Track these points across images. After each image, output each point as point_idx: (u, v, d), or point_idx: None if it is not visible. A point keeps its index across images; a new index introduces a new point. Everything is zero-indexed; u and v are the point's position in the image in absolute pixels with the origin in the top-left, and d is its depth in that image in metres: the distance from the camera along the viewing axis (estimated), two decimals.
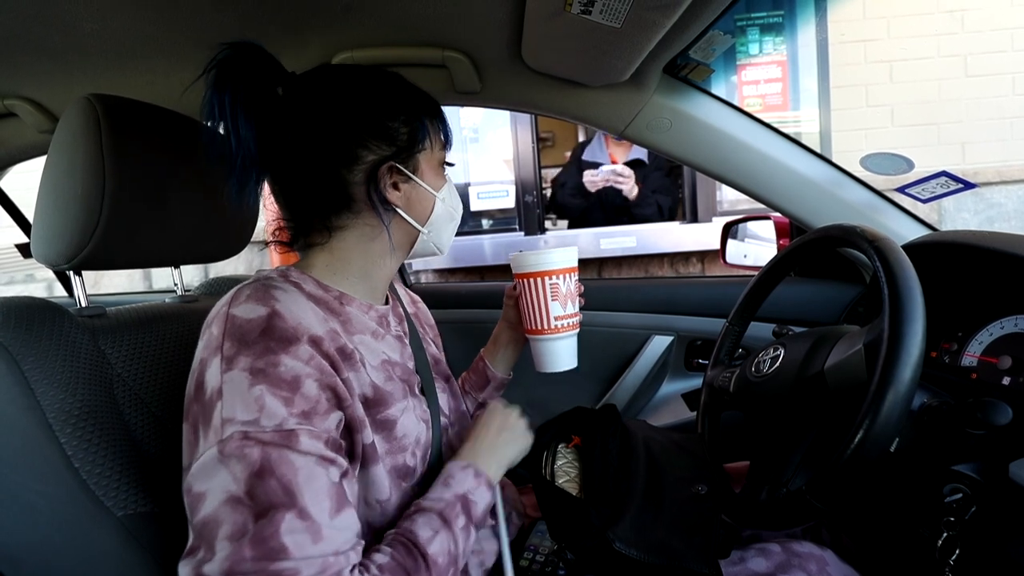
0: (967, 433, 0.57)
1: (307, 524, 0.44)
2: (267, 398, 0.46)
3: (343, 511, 0.47)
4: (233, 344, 0.47)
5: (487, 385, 0.86)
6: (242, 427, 0.45)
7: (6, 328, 0.50)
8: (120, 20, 0.76)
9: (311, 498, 0.45)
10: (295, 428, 0.46)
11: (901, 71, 2.99)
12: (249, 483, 0.43)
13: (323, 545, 0.44)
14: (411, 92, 0.64)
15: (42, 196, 0.59)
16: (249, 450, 0.44)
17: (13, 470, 0.49)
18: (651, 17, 0.67)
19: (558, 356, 0.74)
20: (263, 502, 0.43)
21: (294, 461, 0.45)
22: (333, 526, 0.45)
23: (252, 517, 0.42)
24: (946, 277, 0.79)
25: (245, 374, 0.46)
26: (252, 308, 0.49)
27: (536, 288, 0.71)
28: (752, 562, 0.63)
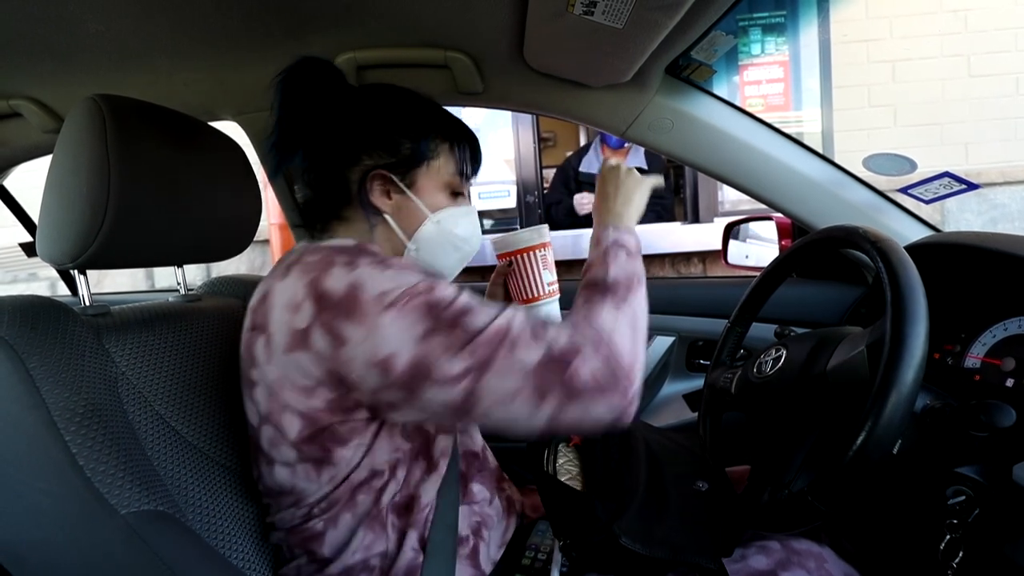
0: (970, 435, 0.57)
1: (484, 310, 0.53)
2: (400, 275, 0.53)
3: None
4: (347, 255, 0.55)
5: None
6: (399, 288, 0.52)
7: (11, 326, 0.50)
8: (124, 20, 0.76)
9: (471, 304, 0.53)
10: (433, 283, 0.54)
11: (904, 71, 2.99)
12: (430, 317, 0.51)
13: (499, 310, 0.53)
14: (434, 114, 0.69)
15: (47, 195, 0.59)
16: (414, 301, 0.51)
17: (18, 468, 0.49)
18: (653, 18, 0.67)
19: (554, 318, 0.80)
20: (447, 320, 0.51)
21: (445, 294, 0.53)
22: (495, 308, 0.54)
23: (448, 331, 0.50)
24: (949, 278, 0.78)
25: (372, 267, 0.54)
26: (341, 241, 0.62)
27: (531, 260, 0.80)
28: (753, 559, 0.63)
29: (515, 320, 0.53)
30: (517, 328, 0.52)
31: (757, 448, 0.70)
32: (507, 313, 0.53)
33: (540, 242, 0.80)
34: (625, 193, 0.70)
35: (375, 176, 0.65)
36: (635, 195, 0.71)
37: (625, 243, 0.65)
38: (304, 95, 0.65)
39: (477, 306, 0.53)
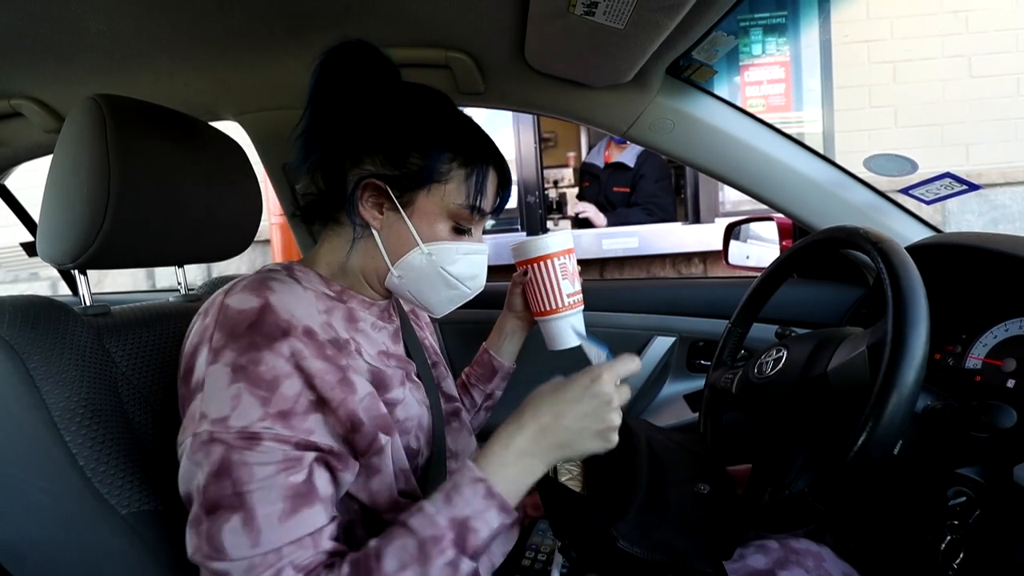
0: (971, 436, 0.57)
1: (249, 528, 0.44)
2: (244, 396, 0.47)
3: (300, 512, 0.46)
4: (222, 336, 0.48)
5: (494, 376, 0.87)
6: (211, 426, 0.46)
7: (12, 326, 0.50)
8: (126, 20, 0.76)
9: (261, 501, 0.45)
10: (260, 431, 0.46)
11: (905, 72, 2.99)
12: (207, 479, 0.46)
13: (261, 546, 0.44)
14: (459, 130, 0.60)
15: (48, 195, 0.59)
16: (214, 448, 0.46)
17: (19, 468, 0.49)
18: (654, 18, 0.67)
19: (571, 332, 0.77)
20: (214, 500, 0.45)
21: (252, 464, 0.45)
22: (280, 528, 0.45)
23: (204, 511, 0.45)
24: (950, 279, 0.78)
25: (227, 370, 0.47)
26: (245, 299, 0.50)
27: (548, 269, 0.75)
28: (751, 559, 0.63)
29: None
30: None
31: (758, 448, 0.70)
32: (240, 567, 0.44)
33: (558, 249, 0.75)
34: (552, 440, 0.52)
35: (368, 185, 0.58)
36: (558, 450, 0.53)
37: (471, 531, 0.47)
38: (338, 80, 0.59)
39: (252, 508, 0.45)
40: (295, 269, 0.59)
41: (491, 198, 0.63)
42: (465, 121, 0.62)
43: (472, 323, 1.32)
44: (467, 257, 0.63)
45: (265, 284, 0.52)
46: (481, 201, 0.61)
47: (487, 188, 0.61)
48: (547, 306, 0.76)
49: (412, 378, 0.65)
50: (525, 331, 0.87)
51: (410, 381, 0.64)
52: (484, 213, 0.62)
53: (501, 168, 0.64)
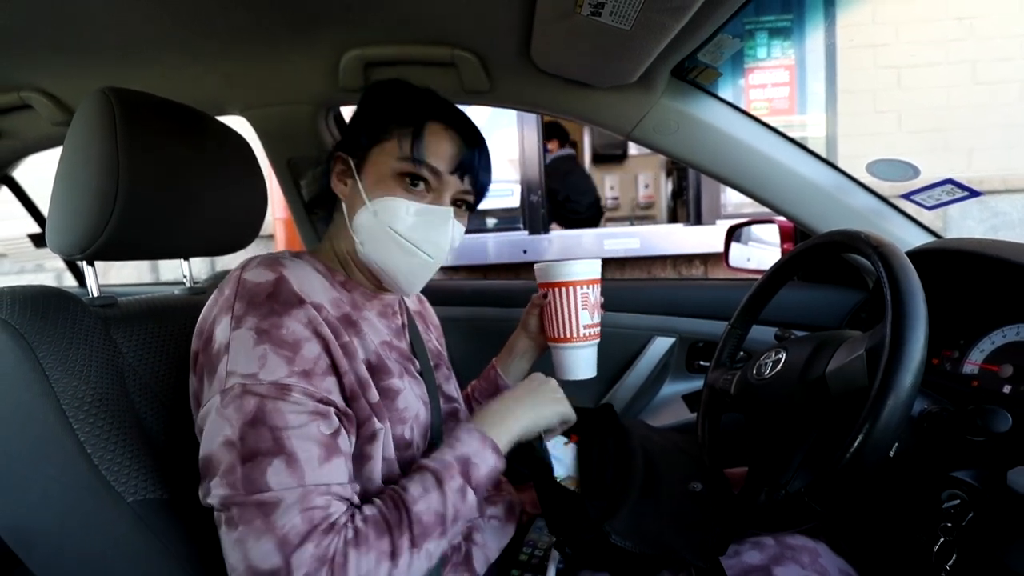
0: (966, 440, 0.58)
1: (292, 468, 0.47)
2: (270, 356, 0.50)
3: (332, 460, 0.50)
4: (243, 305, 0.52)
5: (497, 393, 0.85)
6: (242, 379, 0.49)
7: (22, 316, 0.51)
8: (134, 15, 0.77)
9: (300, 446, 0.48)
10: (291, 384, 0.50)
11: (909, 77, 2.99)
12: (242, 430, 0.47)
13: (308, 481, 0.48)
14: (401, 93, 0.65)
15: (57, 187, 0.60)
16: (246, 400, 0.48)
17: (28, 455, 0.50)
18: (661, 20, 0.68)
19: (582, 364, 0.76)
20: (252, 448, 0.47)
21: (286, 413, 0.49)
22: (320, 469, 0.49)
23: (240, 460, 0.47)
24: (949, 284, 0.79)
25: (251, 333, 0.50)
26: (262, 273, 0.54)
27: (568, 297, 0.73)
28: (747, 555, 0.64)
29: (291, 507, 0.46)
30: (281, 519, 0.46)
31: (755, 449, 0.70)
32: (297, 491, 0.47)
33: (582, 278, 0.72)
34: (525, 405, 0.65)
35: (336, 158, 0.64)
36: (529, 412, 0.65)
37: (473, 464, 0.56)
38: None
39: (292, 451, 0.48)
40: (304, 256, 0.63)
41: (445, 155, 0.62)
42: (411, 88, 0.66)
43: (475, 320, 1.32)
44: (419, 217, 0.61)
45: (278, 261, 0.56)
46: (424, 154, 0.61)
47: (430, 141, 0.61)
48: (561, 333, 0.75)
49: (413, 374, 0.67)
50: (536, 353, 0.86)
51: (410, 376, 0.65)
52: (436, 171, 0.62)
53: (457, 126, 0.64)
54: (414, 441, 0.62)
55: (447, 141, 0.63)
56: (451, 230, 0.64)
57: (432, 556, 0.52)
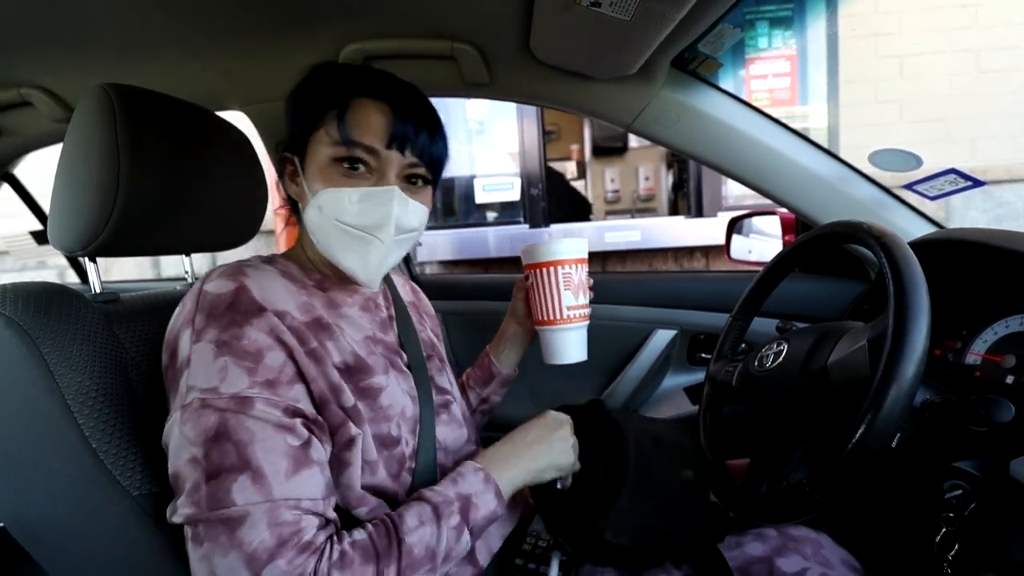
0: (969, 430, 0.58)
1: (259, 483, 0.46)
2: (231, 368, 0.48)
3: (302, 472, 0.48)
4: (203, 317, 0.50)
5: (491, 381, 0.85)
6: (201, 394, 0.48)
7: (26, 312, 0.51)
8: (133, 11, 0.77)
9: (265, 459, 0.47)
10: (252, 396, 0.48)
11: (912, 66, 2.96)
12: (205, 446, 0.46)
13: (275, 496, 0.46)
14: (322, 79, 0.61)
15: (58, 184, 0.60)
16: (207, 415, 0.47)
17: (34, 449, 0.50)
18: (660, 10, 0.67)
19: (568, 347, 0.73)
20: (216, 464, 0.46)
21: (250, 426, 0.47)
22: (287, 483, 0.47)
23: (204, 478, 0.46)
24: (952, 275, 0.79)
25: (211, 346, 0.49)
26: (222, 283, 0.53)
27: (549, 278, 0.70)
28: (749, 546, 0.64)
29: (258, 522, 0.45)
30: (248, 534, 0.44)
31: (757, 440, 0.70)
32: (264, 506, 0.45)
33: (565, 257, 0.70)
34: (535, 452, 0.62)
35: (284, 160, 0.62)
36: (538, 460, 0.62)
37: (473, 505, 0.54)
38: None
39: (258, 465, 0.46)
40: (277, 260, 0.62)
41: (376, 130, 0.57)
42: (336, 67, 0.62)
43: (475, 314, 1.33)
44: (363, 203, 0.57)
45: (240, 270, 0.54)
46: (352, 133, 0.57)
47: (358, 118, 0.57)
48: (544, 316, 0.72)
49: (400, 367, 0.65)
50: (527, 339, 0.84)
51: (396, 370, 0.63)
52: (370, 148, 0.57)
53: (387, 97, 0.59)
54: (402, 437, 0.60)
55: (377, 114, 0.58)
56: (397, 208, 0.58)
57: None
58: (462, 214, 2.94)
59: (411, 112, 0.59)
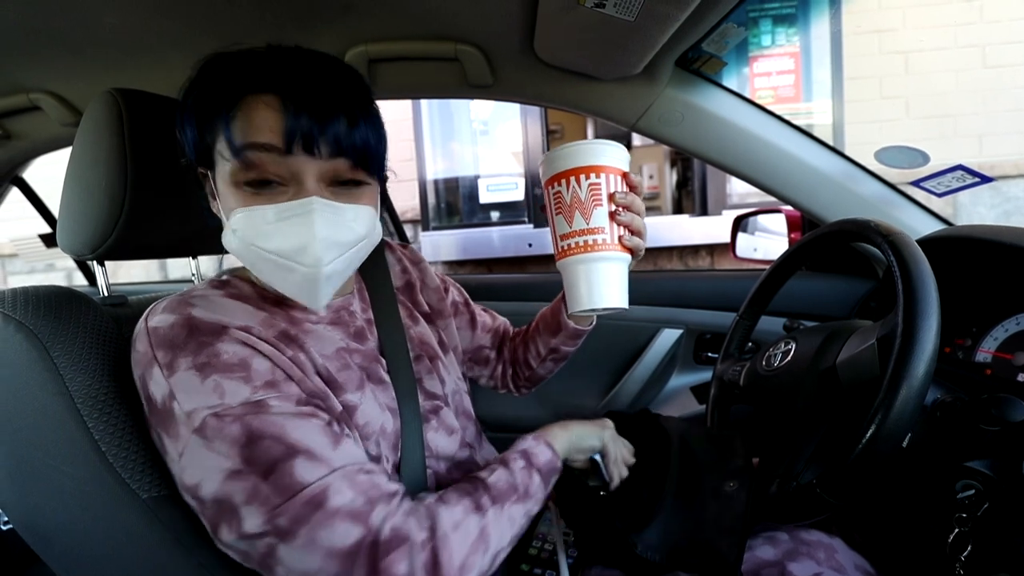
0: (980, 429, 0.57)
1: (316, 460, 0.45)
2: (224, 384, 0.45)
3: (343, 443, 0.48)
4: (166, 351, 0.46)
5: (559, 332, 0.77)
6: (209, 410, 0.44)
7: (36, 316, 0.52)
8: (140, 14, 0.77)
9: (308, 440, 0.45)
10: (263, 398, 0.46)
11: (917, 62, 2.95)
12: (243, 454, 0.43)
13: (336, 462, 0.46)
14: (210, 80, 0.50)
15: (67, 188, 0.60)
16: (228, 427, 0.44)
17: (45, 453, 0.51)
18: (664, 10, 0.67)
19: (575, 288, 0.58)
20: (264, 463, 0.43)
21: (275, 420, 0.45)
22: (338, 453, 0.46)
23: (260, 478, 0.43)
24: (961, 272, 0.78)
25: (192, 372, 0.45)
26: (168, 317, 0.48)
27: (547, 205, 0.59)
28: (760, 550, 0.63)
29: (340, 487, 0.44)
30: (337, 500, 0.43)
31: (766, 440, 0.70)
32: (336, 474, 0.44)
33: (551, 172, 0.57)
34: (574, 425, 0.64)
35: (203, 176, 0.54)
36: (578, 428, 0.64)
37: (532, 453, 0.57)
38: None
39: (306, 447, 0.44)
40: (230, 282, 0.57)
41: (273, 130, 0.47)
42: (225, 61, 0.50)
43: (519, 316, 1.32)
44: (280, 222, 0.48)
45: (184, 302, 0.50)
46: (240, 139, 0.47)
47: (248, 120, 0.47)
48: (554, 246, 0.59)
49: (379, 378, 0.59)
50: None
51: (373, 382, 0.58)
52: (269, 148, 0.47)
53: (280, 89, 0.47)
54: (382, 455, 0.56)
55: (269, 111, 0.47)
56: (321, 225, 0.48)
57: (515, 522, 0.52)
58: (466, 214, 2.94)
59: (311, 101, 0.47)
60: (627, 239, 0.57)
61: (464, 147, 2.94)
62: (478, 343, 0.83)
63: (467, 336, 0.82)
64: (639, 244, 0.59)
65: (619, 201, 0.56)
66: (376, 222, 0.56)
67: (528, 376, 0.84)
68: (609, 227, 0.56)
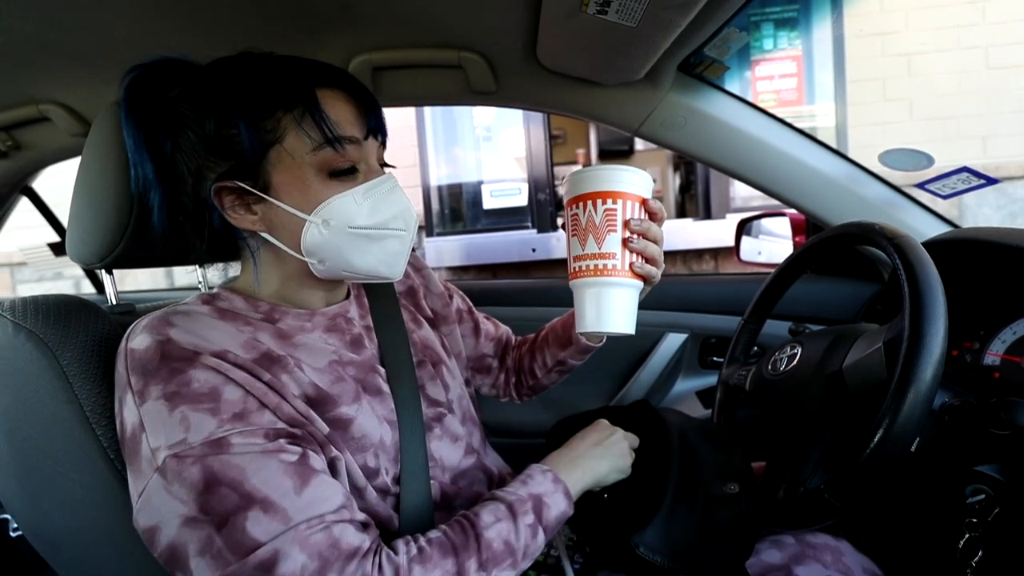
0: (990, 433, 0.57)
1: (272, 512, 0.43)
2: (191, 416, 0.44)
3: (311, 483, 0.45)
4: (139, 377, 0.46)
5: (568, 346, 0.77)
6: (170, 450, 0.43)
7: (46, 324, 0.52)
8: (148, 26, 0.78)
9: (267, 487, 0.43)
10: (224, 435, 0.44)
11: (920, 64, 2.94)
12: (199, 501, 0.42)
13: (295, 518, 0.43)
14: (262, 81, 0.51)
15: (76, 198, 0.61)
16: (188, 469, 0.43)
17: (55, 460, 0.51)
18: (667, 16, 0.67)
19: (584, 309, 0.58)
20: (219, 512, 0.42)
21: (236, 462, 0.43)
22: (302, 500, 0.44)
23: (215, 529, 0.42)
24: (967, 275, 0.78)
25: (161, 402, 0.45)
26: (144, 338, 0.48)
27: (566, 225, 0.59)
28: (766, 554, 0.63)
29: (291, 550, 0.42)
30: (287, 566, 0.41)
31: (772, 445, 0.70)
32: (288, 534, 0.42)
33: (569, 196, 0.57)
34: (595, 454, 0.61)
35: (221, 190, 0.52)
36: (599, 462, 0.61)
37: (545, 504, 0.54)
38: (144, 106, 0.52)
39: (263, 495, 0.43)
40: (219, 296, 0.56)
41: (352, 121, 0.52)
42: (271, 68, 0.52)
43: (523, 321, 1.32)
44: (371, 199, 0.52)
45: (165, 322, 0.49)
46: (334, 129, 0.51)
47: (330, 114, 0.51)
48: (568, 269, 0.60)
49: (376, 388, 0.58)
50: None
51: (370, 393, 0.57)
52: (355, 140, 0.52)
53: (342, 84, 0.53)
54: (380, 467, 0.55)
55: (346, 103, 0.52)
56: (404, 195, 0.55)
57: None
58: (470, 220, 2.95)
59: (363, 93, 0.54)
60: (639, 266, 0.58)
61: (467, 153, 2.95)
62: (481, 351, 0.83)
63: (470, 344, 0.82)
64: (651, 272, 0.59)
65: (634, 228, 0.57)
66: None
67: (532, 385, 0.85)
68: (621, 253, 0.57)
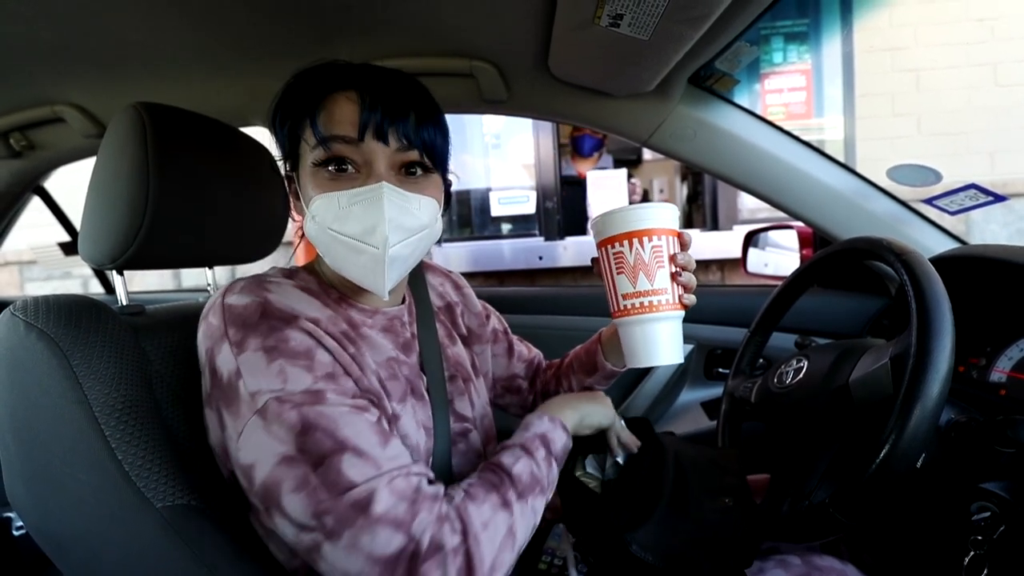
0: (996, 450, 0.57)
1: (364, 458, 0.47)
2: (288, 369, 0.48)
3: (391, 441, 0.50)
4: (238, 329, 0.49)
5: (595, 372, 0.79)
6: (271, 394, 0.47)
7: (57, 324, 0.53)
8: (163, 30, 0.79)
9: (358, 437, 0.47)
10: (322, 388, 0.48)
11: (929, 79, 2.94)
12: (297, 441, 0.46)
13: (384, 464, 0.47)
14: (296, 86, 0.57)
15: (90, 199, 0.62)
16: (287, 413, 0.46)
17: (63, 460, 0.51)
18: (679, 30, 0.68)
19: (635, 344, 0.59)
20: (316, 453, 0.46)
21: (330, 413, 0.47)
22: (387, 452, 0.48)
23: (311, 468, 0.45)
24: (974, 291, 0.77)
25: (260, 353, 0.48)
26: (244, 297, 0.52)
27: (603, 261, 0.60)
28: (771, 573, 0.62)
29: (384, 492, 0.46)
30: (381, 506, 0.45)
31: (777, 458, 0.69)
32: (382, 478, 0.46)
33: (610, 234, 0.58)
34: (581, 398, 0.68)
35: (288, 179, 0.61)
36: (586, 403, 0.68)
37: (551, 439, 0.59)
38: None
39: (355, 444, 0.47)
40: (297, 274, 0.60)
41: (350, 121, 0.53)
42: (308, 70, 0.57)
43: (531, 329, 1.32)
44: (354, 206, 0.52)
45: (261, 285, 0.53)
46: (324, 130, 0.53)
47: (330, 113, 0.53)
48: (610, 307, 0.61)
49: (420, 393, 0.61)
50: None
51: (415, 397, 0.60)
52: (346, 138, 0.53)
53: (359, 86, 0.54)
54: None
55: (349, 105, 0.53)
56: (390, 207, 0.52)
57: (537, 513, 0.54)
58: (478, 227, 2.95)
59: (386, 96, 0.54)
60: (685, 298, 0.60)
61: (476, 160, 2.96)
62: (513, 371, 0.85)
63: (503, 364, 0.84)
64: (694, 301, 0.62)
65: (679, 263, 0.59)
66: (438, 216, 0.59)
67: None
68: (671, 288, 0.59)
